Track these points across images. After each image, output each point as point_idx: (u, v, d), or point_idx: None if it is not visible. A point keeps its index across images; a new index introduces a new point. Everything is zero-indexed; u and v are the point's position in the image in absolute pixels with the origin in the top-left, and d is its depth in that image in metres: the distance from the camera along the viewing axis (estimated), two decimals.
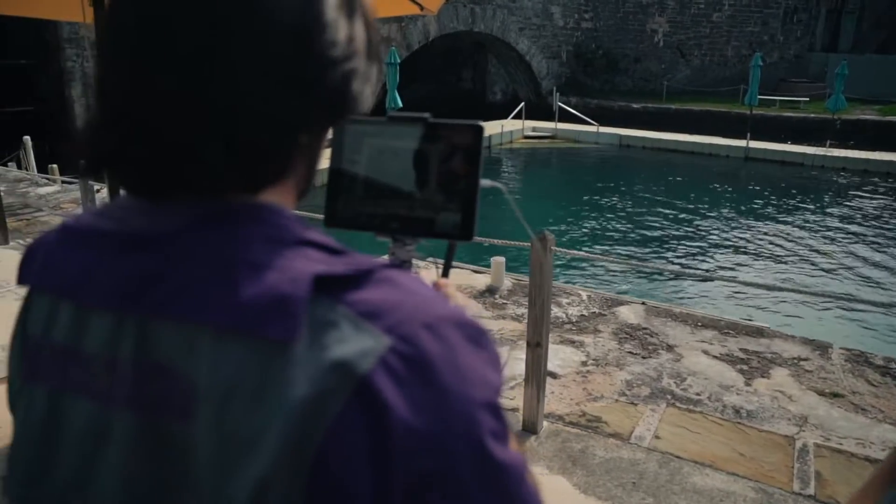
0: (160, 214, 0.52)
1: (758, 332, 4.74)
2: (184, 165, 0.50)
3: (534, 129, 20.43)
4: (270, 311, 0.46)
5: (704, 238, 11.34)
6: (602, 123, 19.86)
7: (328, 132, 0.59)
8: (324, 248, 0.51)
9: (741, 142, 17.50)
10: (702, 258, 10.34)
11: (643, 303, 5.33)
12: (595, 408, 3.70)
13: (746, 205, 13.37)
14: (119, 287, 0.50)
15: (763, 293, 8.10)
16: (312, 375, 0.45)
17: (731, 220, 12.37)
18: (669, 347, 4.46)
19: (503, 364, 0.54)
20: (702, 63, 27.54)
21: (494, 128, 18.87)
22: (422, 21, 20.93)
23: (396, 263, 0.65)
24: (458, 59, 27.92)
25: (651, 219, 12.42)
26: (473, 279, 5.70)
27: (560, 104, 21.03)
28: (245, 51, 0.49)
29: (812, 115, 21.42)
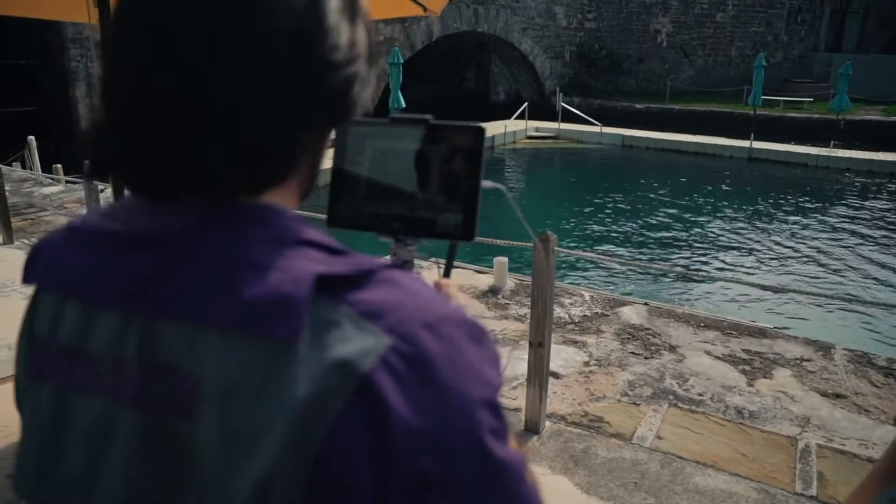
0: (163, 215, 0.52)
1: (760, 333, 4.74)
2: (184, 166, 0.50)
3: (537, 130, 20.41)
4: (273, 311, 0.46)
5: (707, 238, 11.32)
6: (605, 124, 19.84)
7: (330, 134, 0.60)
8: (325, 249, 0.51)
9: (745, 142, 17.47)
10: (705, 259, 10.32)
11: (646, 303, 5.32)
12: (597, 408, 3.70)
13: (749, 205, 13.34)
14: (123, 287, 0.51)
15: (766, 294, 8.09)
16: (314, 374, 0.45)
17: (734, 221, 12.34)
18: (672, 348, 4.45)
19: (503, 363, 0.54)
20: (705, 63, 27.49)
21: (498, 128, 18.86)
22: (425, 21, 20.92)
23: (398, 264, 0.65)
24: (462, 60, 27.91)
25: (654, 219, 12.40)
26: (476, 279, 5.71)
27: (563, 104, 21.00)
28: (245, 51, 0.49)
29: (816, 116, 21.37)
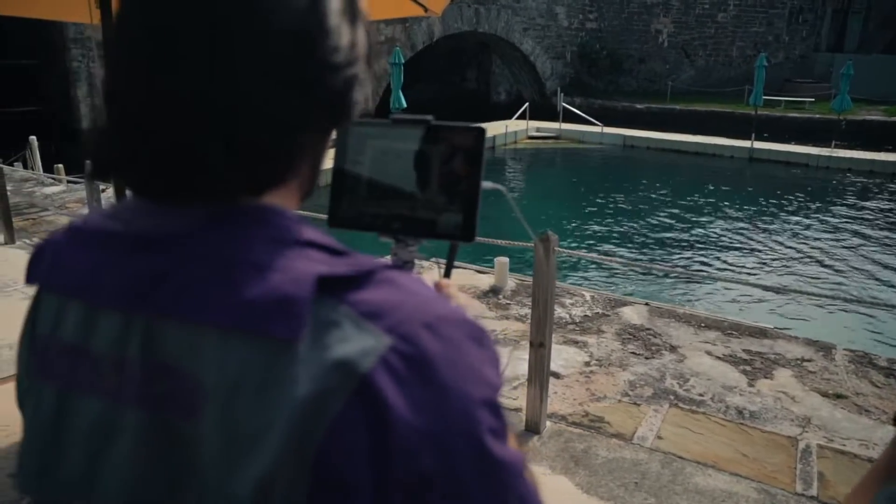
0: (165, 216, 0.52)
1: (761, 333, 4.73)
2: (185, 166, 0.50)
3: (538, 130, 20.39)
4: (274, 311, 0.46)
5: (708, 239, 11.31)
6: (606, 124, 19.82)
7: (331, 135, 0.60)
8: (326, 249, 0.52)
9: (746, 142, 17.45)
10: (705, 259, 10.31)
11: (646, 303, 5.32)
12: (598, 408, 3.70)
13: (750, 205, 13.33)
14: (125, 287, 0.51)
15: (767, 294, 8.08)
16: (315, 374, 0.45)
17: (735, 221, 12.33)
18: (673, 348, 4.45)
19: (504, 363, 0.54)
20: (706, 63, 27.47)
21: (498, 128, 18.84)
22: (426, 21, 20.92)
23: (399, 264, 0.65)
24: (463, 60, 27.91)
25: (655, 219, 12.39)
26: (477, 279, 5.71)
27: (564, 104, 20.98)
28: (245, 51, 0.49)
29: (817, 116, 21.35)
